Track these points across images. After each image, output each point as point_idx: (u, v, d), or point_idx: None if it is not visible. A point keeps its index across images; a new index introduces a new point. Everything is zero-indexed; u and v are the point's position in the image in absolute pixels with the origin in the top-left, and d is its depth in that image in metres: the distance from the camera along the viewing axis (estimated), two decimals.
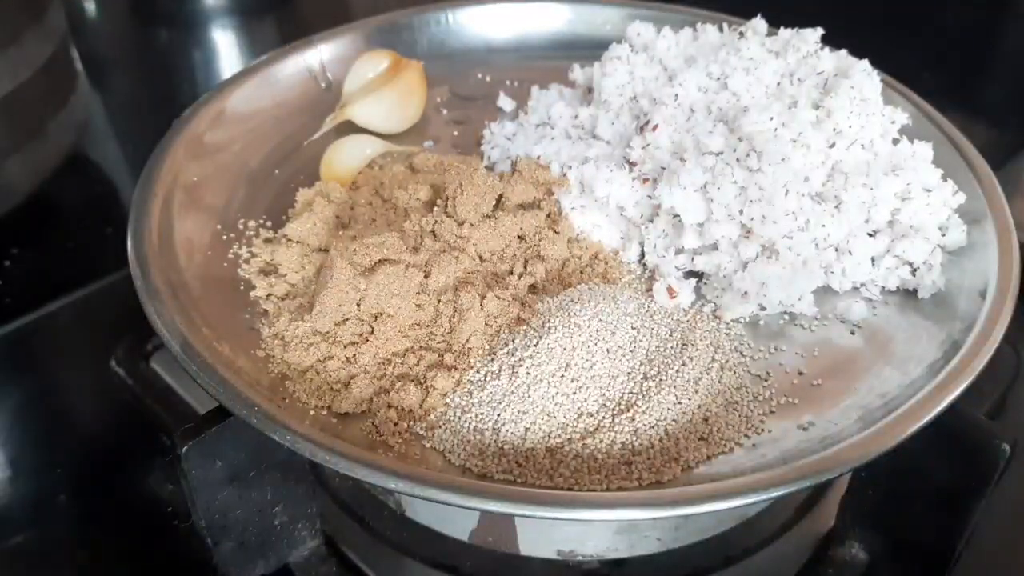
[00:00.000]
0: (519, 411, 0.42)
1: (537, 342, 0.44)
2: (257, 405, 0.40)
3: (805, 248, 0.49)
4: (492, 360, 0.45)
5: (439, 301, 0.46)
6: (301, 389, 0.44)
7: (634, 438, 0.42)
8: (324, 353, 0.45)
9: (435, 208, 0.51)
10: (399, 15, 0.70)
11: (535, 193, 0.53)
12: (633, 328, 0.46)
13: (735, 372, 0.46)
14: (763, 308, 0.49)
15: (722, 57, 0.56)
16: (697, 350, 0.46)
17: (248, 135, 0.60)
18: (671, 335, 0.47)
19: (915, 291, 0.50)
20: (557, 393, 0.43)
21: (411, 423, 0.43)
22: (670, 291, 0.49)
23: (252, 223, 0.54)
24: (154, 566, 0.52)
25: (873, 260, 0.51)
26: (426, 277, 0.47)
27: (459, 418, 0.43)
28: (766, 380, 0.46)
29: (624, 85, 0.57)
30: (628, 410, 0.43)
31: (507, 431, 0.42)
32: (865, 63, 0.55)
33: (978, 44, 1.05)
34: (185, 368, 0.42)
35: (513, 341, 0.45)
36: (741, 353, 0.47)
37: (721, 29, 0.61)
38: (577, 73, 0.64)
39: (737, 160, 0.49)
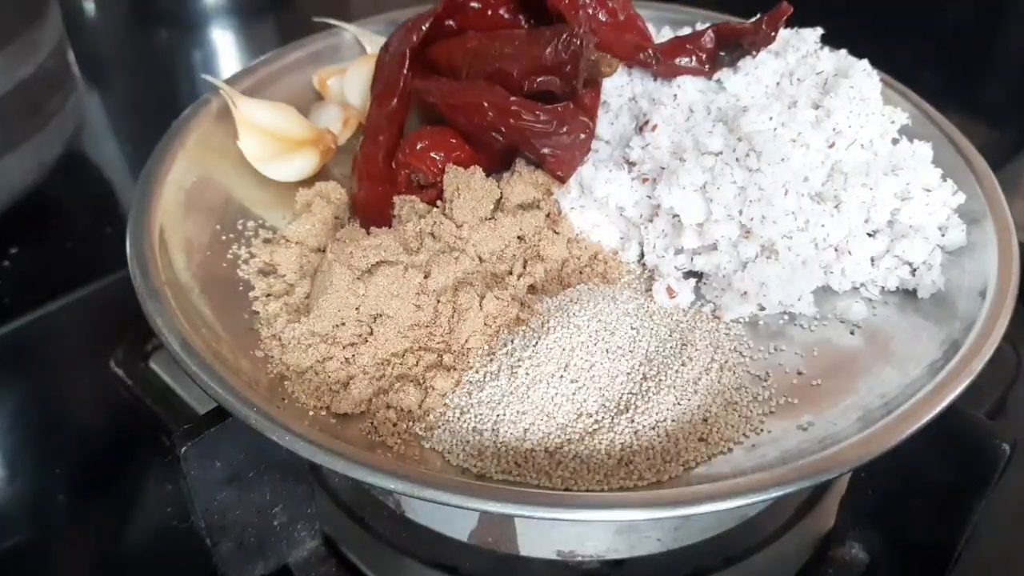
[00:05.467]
0: (518, 411, 0.42)
1: (536, 342, 0.44)
2: (256, 406, 0.40)
3: (805, 248, 0.49)
4: (491, 360, 0.45)
5: (438, 302, 0.46)
6: (300, 390, 0.44)
7: (633, 438, 0.42)
8: (323, 354, 0.45)
9: (433, 210, 0.51)
10: (399, 15, 0.70)
11: (534, 193, 0.53)
12: (632, 328, 0.46)
13: (735, 372, 0.46)
14: (763, 308, 0.49)
15: None
16: (696, 350, 0.46)
17: None
18: (670, 335, 0.47)
19: (915, 291, 0.50)
20: (556, 393, 0.43)
21: (410, 423, 0.43)
22: (669, 291, 0.49)
23: (251, 223, 0.54)
24: (154, 566, 0.53)
25: (873, 260, 0.50)
26: (425, 278, 0.47)
27: (458, 419, 0.43)
28: (766, 380, 0.46)
29: (623, 85, 0.57)
30: (627, 410, 0.43)
31: (506, 431, 0.42)
32: (865, 63, 0.55)
33: (978, 44, 1.05)
34: (184, 368, 0.42)
35: (512, 341, 0.45)
36: (741, 353, 0.47)
37: None
38: None
39: (736, 160, 0.49)
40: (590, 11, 0.54)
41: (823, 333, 0.49)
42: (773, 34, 0.54)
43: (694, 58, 0.55)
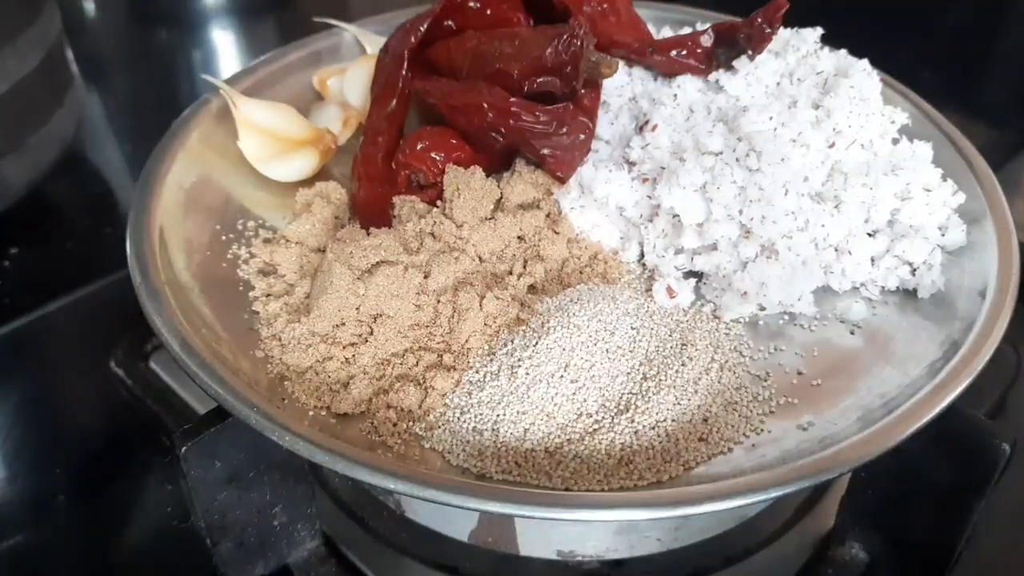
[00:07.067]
0: (518, 411, 0.42)
1: (536, 342, 0.44)
2: (256, 406, 0.40)
3: (805, 248, 0.49)
4: (491, 360, 0.45)
5: (438, 302, 0.46)
6: (300, 390, 0.44)
7: (633, 438, 0.42)
8: (323, 354, 0.45)
9: (433, 210, 0.51)
10: (399, 15, 0.70)
11: (534, 193, 0.53)
12: (632, 328, 0.46)
13: (735, 372, 0.46)
14: (763, 308, 0.49)
15: None
16: (696, 350, 0.46)
17: None
18: (670, 335, 0.47)
19: (915, 291, 0.50)
20: (556, 393, 0.43)
21: (410, 423, 0.43)
22: (669, 291, 0.49)
23: (251, 223, 0.54)
24: (154, 566, 0.53)
25: (873, 260, 0.50)
26: (425, 278, 0.47)
27: (458, 418, 0.43)
28: (766, 380, 0.46)
29: (623, 85, 0.57)
30: (627, 410, 0.43)
31: (506, 431, 0.42)
32: (865, 63, 0.55)
33: (978, 44, 1.05)
34: (184, 368, 0.42)
35: (512, 341, 0.45)
36: (741, 353, 0.47)
37: None
38: None
39: (736, 160, 0.49)
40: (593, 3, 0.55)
41: (823, 333, 0.49)
42: (768, 29, 0.54)
43: (690, 53, 0.55)
